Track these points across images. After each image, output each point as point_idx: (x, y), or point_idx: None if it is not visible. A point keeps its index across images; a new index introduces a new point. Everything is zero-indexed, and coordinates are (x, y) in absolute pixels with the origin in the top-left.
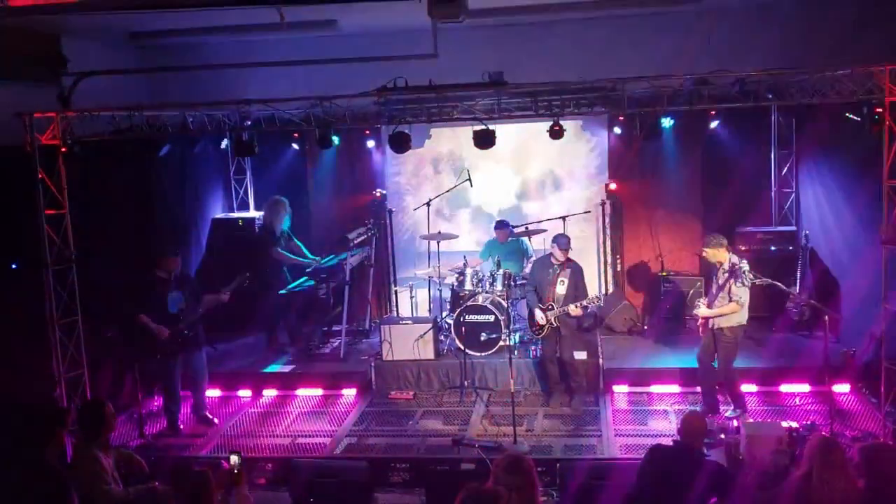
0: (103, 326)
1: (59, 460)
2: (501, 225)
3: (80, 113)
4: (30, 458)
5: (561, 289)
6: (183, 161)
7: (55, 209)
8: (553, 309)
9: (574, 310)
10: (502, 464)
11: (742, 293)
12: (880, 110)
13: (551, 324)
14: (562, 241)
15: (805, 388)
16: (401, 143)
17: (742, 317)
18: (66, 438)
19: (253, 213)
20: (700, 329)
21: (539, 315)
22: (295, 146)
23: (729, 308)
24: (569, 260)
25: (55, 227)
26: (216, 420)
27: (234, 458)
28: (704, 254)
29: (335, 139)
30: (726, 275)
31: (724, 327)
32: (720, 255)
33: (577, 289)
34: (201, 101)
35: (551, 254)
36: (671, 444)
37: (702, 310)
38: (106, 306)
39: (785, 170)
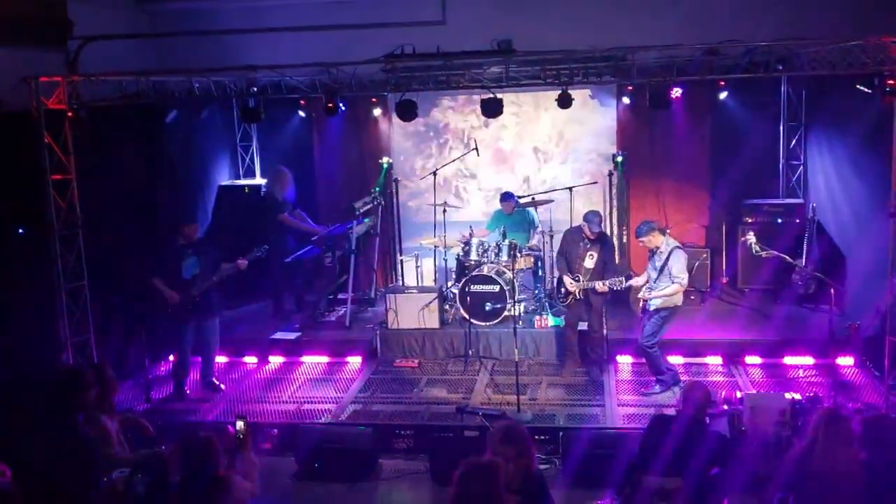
0: (110, 291)
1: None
2: (507, 197)
3: (86, 77)
4: (59, 422)
5: (589, 263)
6: (189, 127)
7: (61, 174)
8: (580, 281)
9: (601, 286)
10: (497, 435)
11: (683, 276)
12: (892, 82)
13: (576, 296)
14: (593, 218)
15: (809, 360)
16: (408, 111)
17: (679, 298)
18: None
19: (259, 180)
20: (640, 311)
21: (568, 282)
22: (301, 113)
23: (672, 289)
24: (601, 234)
25: (61, 192)
26: (222, 386)
27: (239, 424)
28: (641, 242)
29: (341, 106)
30: (664, 257)
31: (662, 308)
32: (656, 239)
33: (606, 265)
34: (208, 67)
35: (582, 226)
36: (674, 413)
37: (646, 292)
38: (113, 271)
39: (794, 142)
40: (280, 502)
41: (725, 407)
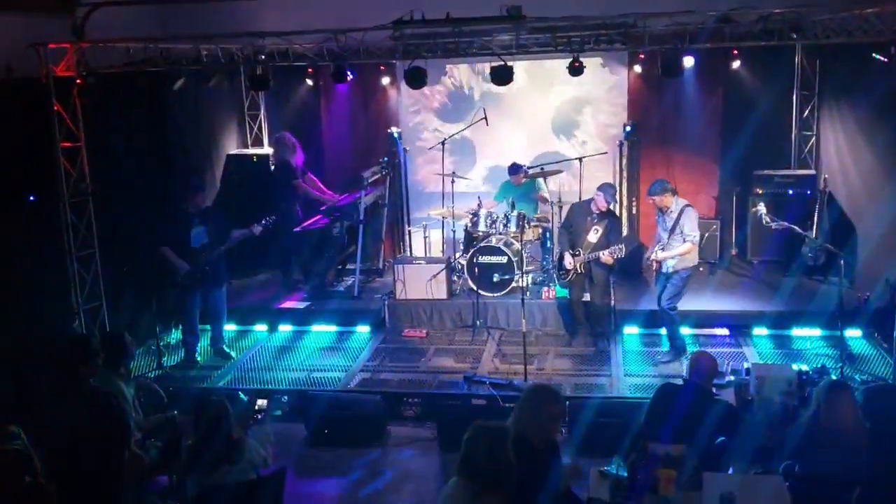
0: (121, 260)
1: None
2: (515, 169)
3: (94, 44)
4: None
5: (593, 237)
6: (197, 96)
7: (71, 142)
8: (580, 255)
9: (605, 257)
10: (527, 391)
11: (696, 233)
12: None
13: (577, 270)
14: (609, 190)
15: (817, 332)
16: (416, 79)
17: (694, 256)
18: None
19: (267, 149)
20: (655, 275)
21: (567, 259)
22: (309, 82)
23: (685, 248)
24: (609, 211)
25: (71, 159)
26: (233, 353)
27: (261, 402)
28: (651, 200)
29: (349, 74)
30: (674, 216)
31: (681, 269)
32: (667, 200)
33: (610, 241)
34: (215, 34)
35: (593, 200)
36: (681, 383)
37: (658, 253)
38: (123, 239)
39: (806, 112)
40: (291, 467)
41: (732, 377)
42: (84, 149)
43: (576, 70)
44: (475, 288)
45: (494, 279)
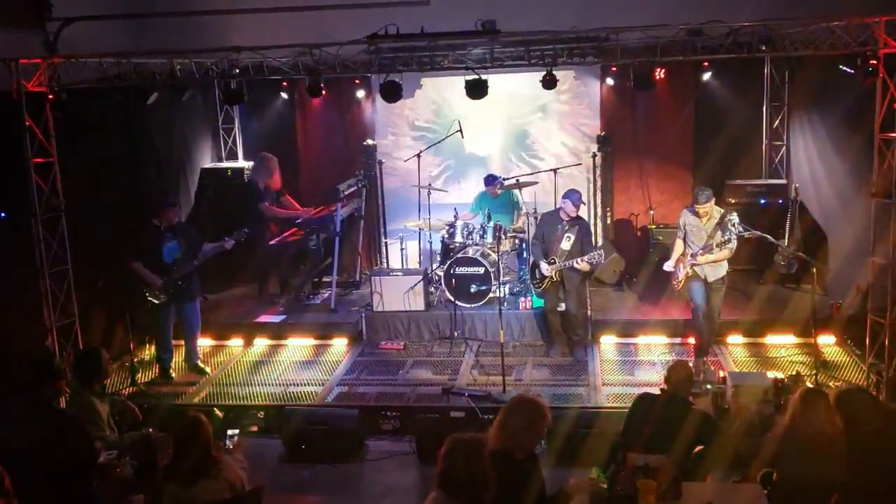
0: (94, 276)
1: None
2: (491, 180)
3: (66, 59)
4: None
5: (566, 244)
6: (171, 110)
7: (43, 157)
8: (556, 263)
9: (581, 264)
10: (509, 403)
11: (734, 241)
12: (874, 62)
13: (552, 278)
14: (575, 196)
15: (791, 339)
16: (392, 93)
17: (727, 263)
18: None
19: (241, 163)
20: (680, 286)
21: (545, 267)
22: (284, 95)
23: (726, 252)
24: (578, 217)
25: (43, 175)
26: (208, 369)
27: (231, 432)
28: (703, 209)
29: (324, 88)
30: (713, 220)
31: (722, 273)
32: (712, 206)
33: (584, 246)
34: (189, 49)
35: (561, 209)
36: (658, 392)
37: (706, 256)
38: (96, 255)
39: (776, 122)
40: (268, 484)
41: (709, 386)
42: (56, 164)
43: (549, 83)
44: (452, 299)
45: (472, 290)
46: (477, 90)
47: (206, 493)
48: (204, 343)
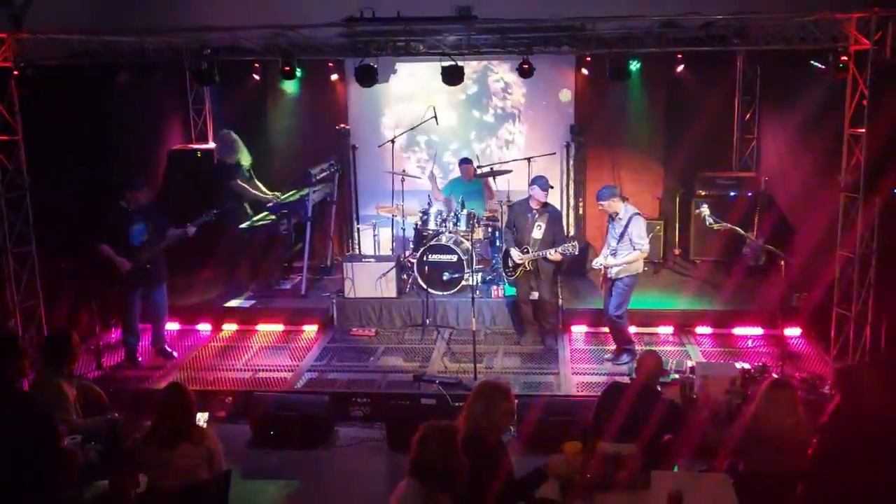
0: (58, 257)
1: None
2: (466, 161)
3: (33, 35)
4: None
5: (537, 233)
6: (140, 89)
7: (8, 135)
8: (528, 252)
9: (553, 255)
10: (475, 389)
11: (643, 241)
12: (845, 59)
13: (525, 267)
14: (541, 181)
15: (758, 331)
16: (367, 77)
17: (640, 265)
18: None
19: (212, 144)
20: (601, 281)
21: (517, 256)
22: (256, 77)
23: (633, 256)
24: (547, 205)
25: (7, 153)
26: (175, 353)
27: (200, 415)
28: (600, 206)
29: (298, 71)
30: (623, 224)
31: (625, 276)
32: (616, 205)
33: (555, 234)
34: (160, 28)
35: (531, 196)
36: (627, 381)
37: (608, 259)
38: (61, 236)
39: (748, 116)
40: (236, 469)
41: (677, 375)
42: (22, 142)
43: (525, 72)
44: (425, 286)
45: (444, 278)
46: (453, 76)
47: (186, 457)
48: (171, 327)
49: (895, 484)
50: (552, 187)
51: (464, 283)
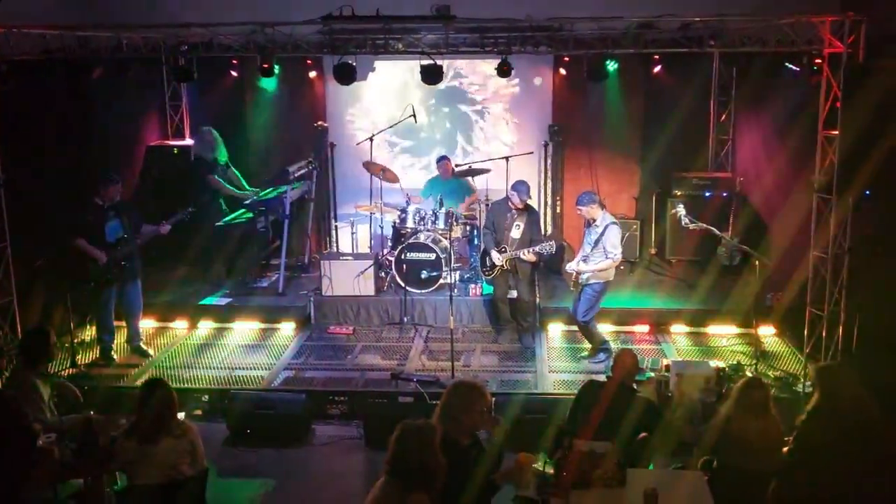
0: (34, 254)
1: None
2: (444, 158)
3: (7, 30)
4: None
5: (516, 233)
6: (117, 85)
7: None
8: (507, 252)
9: (527, 255)
10: (448, 388)
11: (617, 251)
12: (819, 61)
13: (503, 266)
14: (521, 188)
15: (732, 329)
16: (345, 75)
17: (611, 273)
18: None
19: (188, 141)
20: (572, 285)
21: (495, 256)
22: (233, 73)
23: (605, 264)
24: (527, 206)
25: None
26: (151, 351)
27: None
28: (578, 211)
29: (276, 68)
30: (599, 231)
31: (595, 282)
32: (594, 212)
33: (533, 234)
34: (137, 23)
35: (509, 198)
36: (604, 380)
37: (580, 265)
38: (37, 233)
39: (723, 117)
40: (213, 468)
41: (652, 374)
42: None
43: (504, 72)
44: (403, 285)
45: (422, 276)
46: (432, 75)
47: (169, 452)
48: (147, 325)
49: (872, 482)
50: (530, 198)
51: (442, 281)
